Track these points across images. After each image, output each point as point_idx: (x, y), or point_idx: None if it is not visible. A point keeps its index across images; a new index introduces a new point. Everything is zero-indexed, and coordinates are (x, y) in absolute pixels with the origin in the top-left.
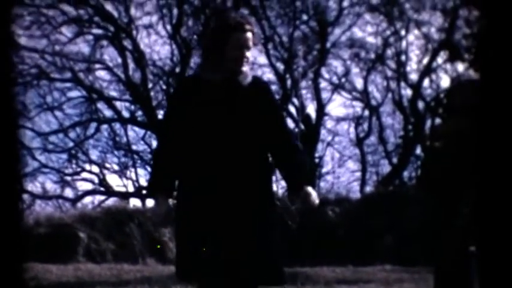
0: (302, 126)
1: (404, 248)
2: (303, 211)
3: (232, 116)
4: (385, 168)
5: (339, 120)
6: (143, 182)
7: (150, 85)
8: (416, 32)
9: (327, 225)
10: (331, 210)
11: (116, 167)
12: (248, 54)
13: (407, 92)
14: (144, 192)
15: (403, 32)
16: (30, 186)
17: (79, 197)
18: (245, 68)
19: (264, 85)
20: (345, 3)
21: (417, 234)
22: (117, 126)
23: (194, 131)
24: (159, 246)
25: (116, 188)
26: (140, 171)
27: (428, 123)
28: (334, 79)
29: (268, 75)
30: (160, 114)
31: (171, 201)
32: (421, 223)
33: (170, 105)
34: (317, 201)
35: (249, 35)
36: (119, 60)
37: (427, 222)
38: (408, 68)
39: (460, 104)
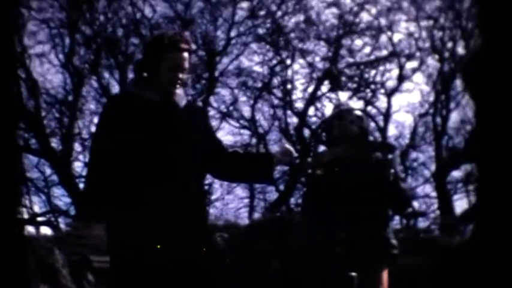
0: None
1: (290, 273)
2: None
3: (172, 137)
4: (273, 195)
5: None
6: (37, 209)
7: (43, 113)
8: (301, 61)
9: (215, 250)
10: (219, 236)
11: None
12: (182, 76)
13: (294, 120)
14: (38, 219)
15: (288, 61)
16: None
17: None
18: (179, 91)
19: (199, 108)
20: (233, 33)
21: (303, 259)
22: None
23: (133, 154)
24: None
25: None
26: (34, 198)
27: (314, 150)
28: (223, 107)
29: None
30: (53, 142)
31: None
32: (305, 248)
33: (103, 124)
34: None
35: (185, 54)
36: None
37: (309, 248)
38: (294, 97)
39: (339, 134)
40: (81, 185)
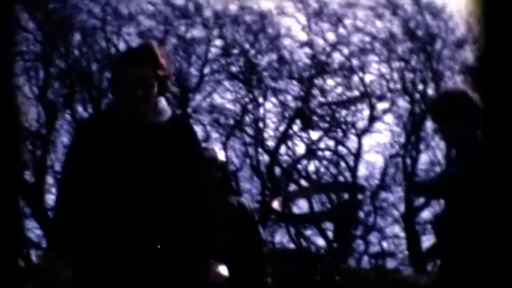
0: None
1: None
2: None
3: (139, 161)
4: None
5: None
6: None
7: None
8: (273, 99)
9: None
10: None
11: None
12: (147, 92)
13: (265, 158)
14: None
15: (261, 100)
16: None
17: None
18: (161, 104)
19: (184, 126)
20: (206, 70)
21: None
22: None
23: (95, 182)
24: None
25: None
26: None
27: (284, 188)
28: None
29: None
30: (26, 174)
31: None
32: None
33: (69, 151)
34: None
35: (146, 69)
36: None
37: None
38: (266, 135)
39: None
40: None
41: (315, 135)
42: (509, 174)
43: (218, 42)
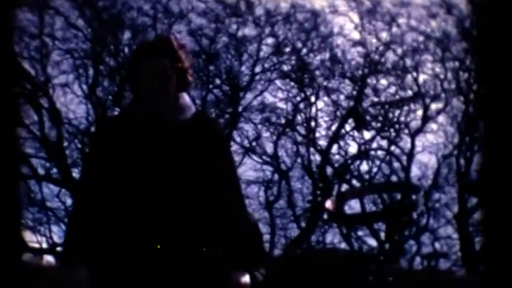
0: None
1: None
2: None
3: (160, 161)
4: (294, 231)
5: (249, 183)
6: (56, 238)
7: (65, 143)
8: (326, 99)
9: None
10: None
11: (30, 223)
12: (164, 85)
13: (316, 158)
14: (57, 248)
15: (313, 99)
16: None
17: None
18: (182, 100)
19: (209, 122)
20: (257, 69)
21: None
22: (32, 182)
23: (115, 183)
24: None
25: (30, 244)
26: (54, 228)
27: (336, 188)
28: (246, 142)
29: None
30: (75, 172)
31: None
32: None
33: (90, 151)
34: None
35: (164, 62)
36: (35, 117)
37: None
38: (317, 134)
39: None
40: None
41: (367, 134)
42: None
43: (270, 40)
